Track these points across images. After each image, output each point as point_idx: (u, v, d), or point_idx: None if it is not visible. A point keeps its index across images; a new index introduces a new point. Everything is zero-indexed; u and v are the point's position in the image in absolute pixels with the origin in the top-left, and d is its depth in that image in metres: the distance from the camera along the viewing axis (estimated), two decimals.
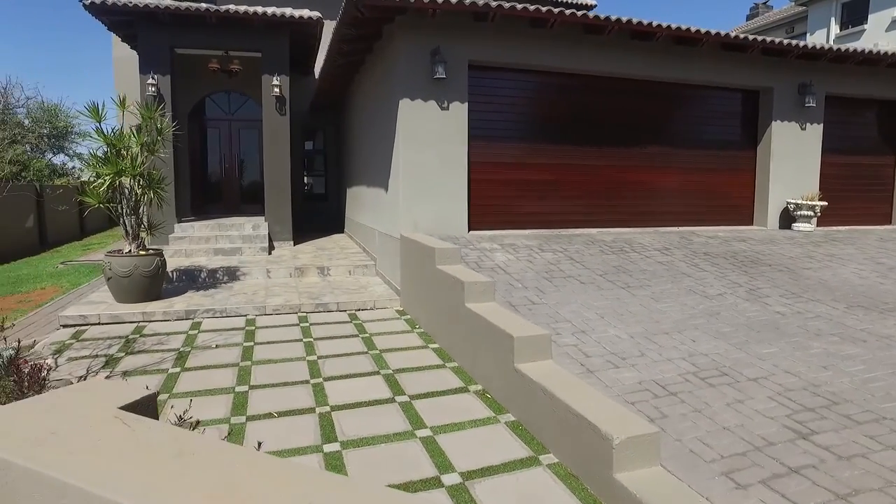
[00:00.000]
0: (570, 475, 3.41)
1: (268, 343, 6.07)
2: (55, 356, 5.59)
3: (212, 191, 13.61)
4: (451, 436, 3.92)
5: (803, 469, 2.93)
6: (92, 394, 1.74)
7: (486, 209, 7.95)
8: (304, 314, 7.23)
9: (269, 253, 10.30)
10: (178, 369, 5.28)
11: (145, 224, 7.43)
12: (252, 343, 6.07)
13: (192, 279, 8.48)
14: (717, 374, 4.12)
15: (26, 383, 3.37)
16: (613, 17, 7.44)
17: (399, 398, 4.59)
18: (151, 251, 7.39)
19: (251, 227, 10.89)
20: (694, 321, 5.24)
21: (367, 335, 6.38)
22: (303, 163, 14.96)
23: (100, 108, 7.04)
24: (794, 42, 8.39)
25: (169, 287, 8.01)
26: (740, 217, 9.44)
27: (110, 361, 5.51)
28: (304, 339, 6.20)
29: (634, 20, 7.54)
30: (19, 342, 4.53)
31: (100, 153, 7.07)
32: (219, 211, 13.05)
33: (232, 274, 8.72)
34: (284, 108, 10.88)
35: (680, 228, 8.89)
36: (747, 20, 24.45)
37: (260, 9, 10.13)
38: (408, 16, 7.18)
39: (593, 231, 8.40)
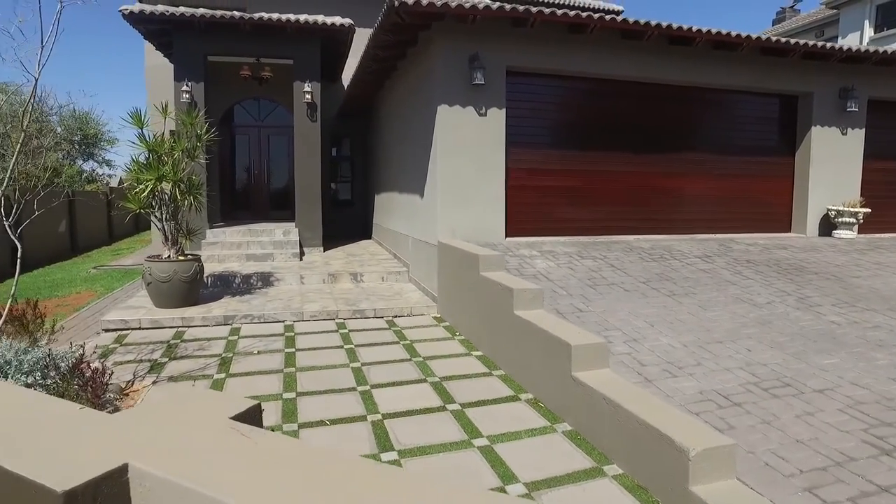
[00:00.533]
0: (637, 487, 3.33)
1: (309, 349, 6.05)
2: (101, 360, 5.62)
3: (240, 197, 13.70)
4: (508, 445, 3.85)
5: (895, 488, 2.83)
6: (199, 404, 1.72)
7: (523, 216, 7.89)
8: (342, 320, 7.21)
9: (301, 259, 10.32)
10: (222, 375, 5.28)
11: (184, 229, 7.47)
12: (293, 349, 6.05)
13: (226, 284, 8.52)
14: (780, 385, 4.02)
15: (90, 388, 3.37)
16: (653, 23, 7.36)
17: (450, 406, 4.54)
18: (190, 256, 7.44)
19: (282, 232, 10.93)
20: (746, 330, 5.13)
21: (408, 342, 6.34)
22: (329, 169, 15.01)
23: (142, 114, 7.12)
24: (836, 45, 8.24)
25: (205, 292, 8.04)
26: (778, 224, 9.28)
27: (155, 366, 5.52)
28: (346, 346, 6.17)
29: (674, 25, 7.46)
30: (83, 346, 4.56)
31: (141, 159, 7.15)
32: (247, 217, 13.11)
33: (266, 279, 8.73)
34: (315, 115, 10.92)
35: (717, 236, 8.75)
36: (773, 24, 24.18)
37: (293, 16, 10.20)
38: (446, 22, 7.16)
39: (630, 238, 8.29)
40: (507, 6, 6.87)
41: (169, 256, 7.35)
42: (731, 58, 8.31)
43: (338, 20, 10.37)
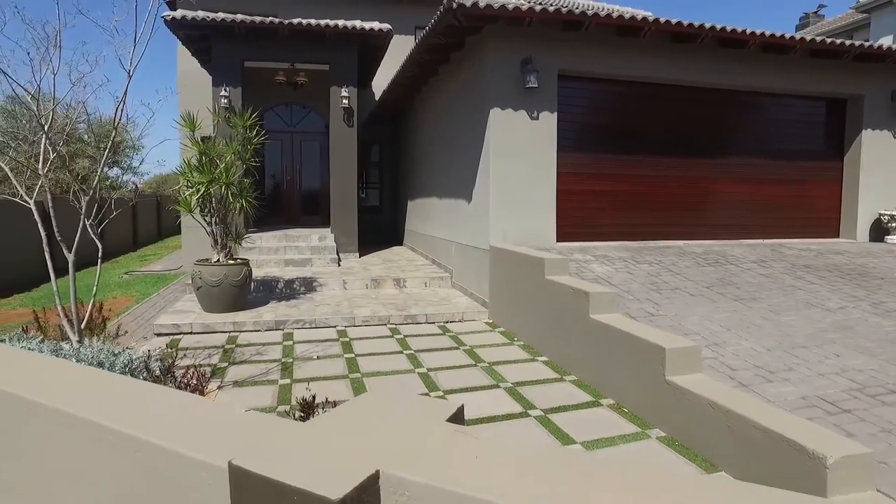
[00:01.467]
0: None
1: (369, 355, 5.95)
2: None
3: (272, 202, 13.66)
4: (606, 452, 3.74)
5: None
6: (404, 407, 1.62)
7: (573, 220, 7.78)
8: (394, 326, 7.11)
9: (339, 264, 10.24)
10: (287, 381, 5.18)
11: (233, 233, 7.41)
12: (352, 354, 5.95)
13: (269, 289, 8.44)
14: (886, 392, 3.89)
15: (188, 392, 3.27)
16: (707, 25, 7.28)
17: (532, 412, 4.42)
18: (239, 260, 7.37)
19: (317, 238, 10.86)
20: (827, 335, 5.00)
21: (468, 347, 6.23)
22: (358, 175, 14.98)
23: (194, 117, 7.09)
24: (892, 46, 8.11)
25: (250, 297, 7.97)
26: (826, 229, 9.14)
27: (217, 371, 5.43)
28: (405, 351, 6.07)
29: (728, 27, 7.38)
30: (176, 351, 4.50)
31: (193, 161, 7.11)
32: (279, 222, 13.07)
33: (309, 285, 8.65)
34: (352, 120, 10.88)
35: (766, 241, 8.63)
36: (797, 30, 24.04)
37: (331, 21, 10.18)
38: (498, 25, 7.10)
39: (679, 243, 8.18)
40: (564, 8, 6.81)
41: (218, 260, 7.28)
42: (780, 60, 8.21)
43: (377, 25, 10.34)
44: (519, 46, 7.27)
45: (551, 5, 9.04)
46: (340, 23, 10.28)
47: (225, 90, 10.35)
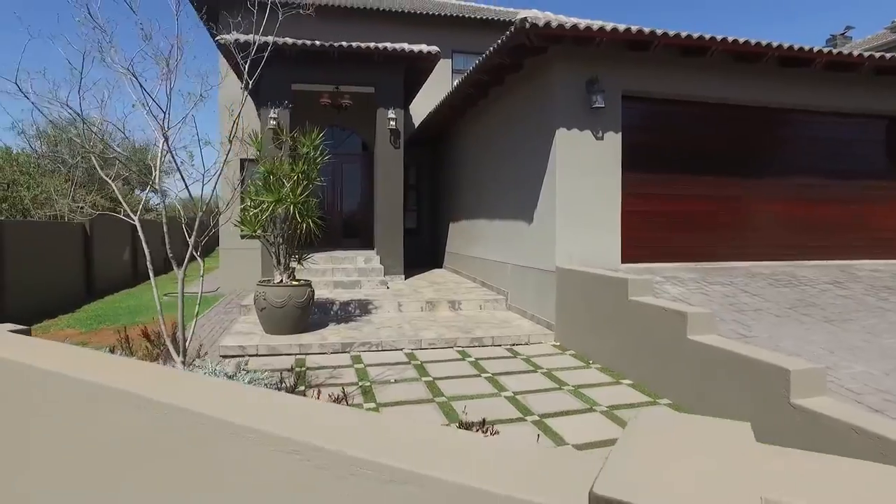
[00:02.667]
0: None
1: (447, 378, 5.80)
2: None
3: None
4: None
5: None
6: (699, 431, 1.49)
7: (637, 241, 7.66)
8: (461, 348, 6.97)
9: (387, 287, 10.13)
10: (372, 404, 5.05)
11: (297, 254, 7.34)
12: (430, 378, 5.81)
13: (325, 312, 8.33)
14: None
15: None
16: (774, 44, 7.24)
17: None
18: (302, 281, 7.28)
19: (363, 260, 10.79)
20: None
21: (545, 370, 6.07)
22: None
23: (259, 138, 7.08)
24: None
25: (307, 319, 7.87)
26: (891, 250, 8.93)
27: (296, 395, 5.30)
28: (483, 375, 5.92)
29: (795, 46, 7.33)
30: (295, 371, 4.39)
31: (258, 181, 7.09)
32: (320, 245, 13.01)
33: (364, 307, 8.55)
34: (399, 142, 10.88)
35: (832, 262, 8.44)
36: None
37: (380, 44, 10.24)
38: (563, 45, 7.09)
39: (744, 264, 8.02)
40: (634, 28, 6.79)
41: (281, 281, 7.20)
42: (841, 79, 8.13)
43: (424, 48, 10.39)
44: (583, 67, 7.25)
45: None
46: (389, 45, 10.34)
47: (273, 112, 10.40)
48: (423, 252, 14.54)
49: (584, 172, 7.30)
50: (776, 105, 8.15)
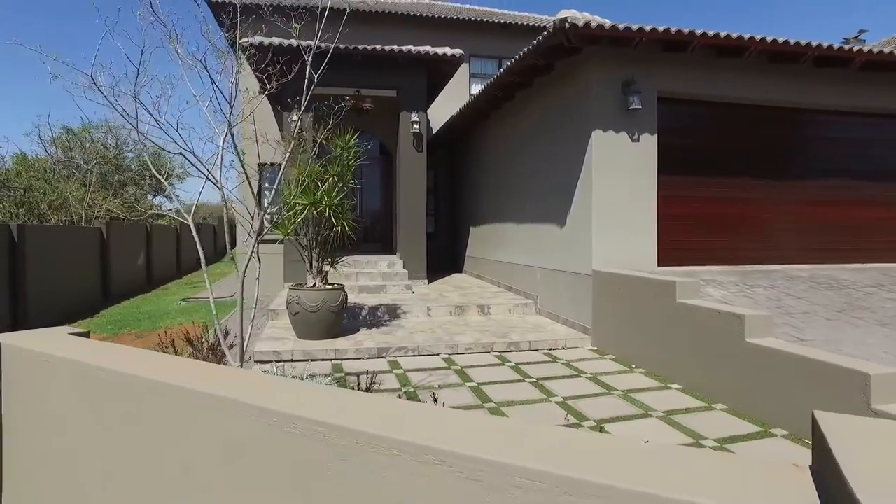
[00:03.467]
0: None
1: (491, 383, 5.68)
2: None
3: None
4: None
5: None
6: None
7: (673, 244, 7.55)
8: (499, 353, 6.85)
9: (412, 291, 10.02)
10: None
11: (329, 257, 7.24)
12: (474, 383, 5.69)
13: (354, 316, 8.22)
14: None
15: None
16: (814, 43, 7.15)
17: (705, 443, 4.14)
18: (336, 285, 7.18)
19: (386, 265, 10.68)
20: None
21: (590, 375, 5.95)
22: None
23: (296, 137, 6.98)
24: None
25: None
26: None
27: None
28: (527, 380, 5.80)
29: (834, 45, 7.24)
30: (375, 374, 4.30)
31: (292, 185, 6.99)
32: (338, 249, 12.92)
33: (393, 312, 8.44)
34: (422, 145, 10.80)
35: (869, 265, 8.32)
36: None
37: (403, 47, 10.18)
38: (600, 46, 7.00)
39: (781, 267, 7.90)
40: (673, 28, 6.71)
41: (314, 285, 7.10)
42: (878, 80, 8.04)
43: (448, 50, 10.33)
44: (618, 68, 7.17)
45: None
46: (413, 48, 10.28)
47: (296, 115, 10.31)
48: (441, 256, 14.44)
49: (620, 175, 7.21)
50: (809, 106, 8.06)
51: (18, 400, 2.38)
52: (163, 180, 4.99)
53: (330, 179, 6.88)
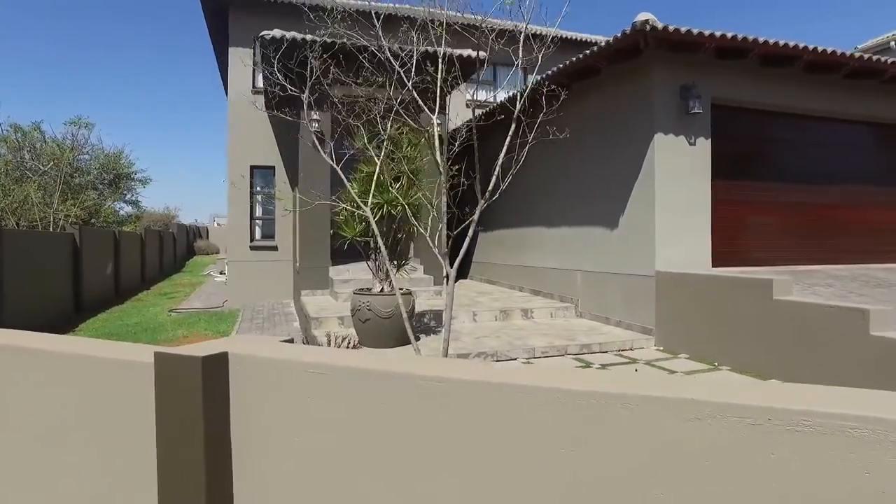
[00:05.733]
0: None
1: None
2: None
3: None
4: None
5: None
6: None
7: (726, 246, 7.75)
8: (574, 356, 6.77)
9: (441, 296, 9.76)
10: None
11: (397, 260, 6.92)
12: None
13: None
14: None
15: None
16: (857, 55, 7.57)
17: None
18: (405, 290, 6.85)
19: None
20: None
21: (679, 374, 5.96)
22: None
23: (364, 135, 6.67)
24: None
25: None
26: None
27: None
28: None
29: (873, 57, 7.70)
30: None
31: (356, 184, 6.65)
32: (338, 256, 12.44)
33: (438, 318, 8.17)
34: (442, 148, 10.57)
35: (890, 265, 8.94)
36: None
37: (429, 48, 9.95)
38: (661, 50, 7.11)
39: (819, 267, 8.32)
40: (740, 35, 6.91)
41: (382, 290, 6.76)
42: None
43: (472, 52, 10.19)
44: (678, 72, 7.31)
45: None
46: (431, 49, 10.07)
47: (315, 114, 9.88)
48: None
49: (679, 178, 7.33)
50: (840, 116, 8.57)
51: (251, 409, 1.99)
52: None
53: (403, 177, 6.58)
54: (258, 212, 13.27)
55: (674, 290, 7.00)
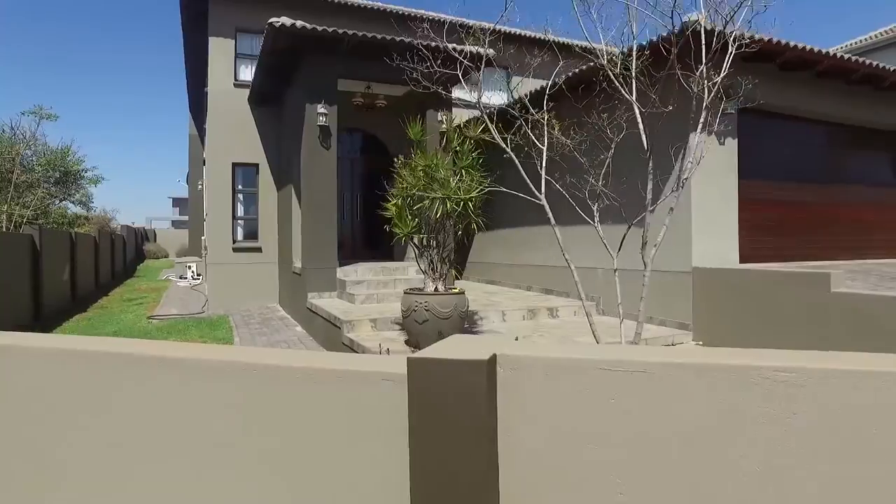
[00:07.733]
0: None
1: None
2: None
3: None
4: None
5: None
6: None
7: (751, 244, 8.03)
8: None
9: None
10: None
11: (448, 258, 6.68)
12: None
13: None
14: None
15: None
16: (890, 68, 8.05)
17: None
18: (458, 289, 6.63)
19: (414, 271, 10.07)
20: None
21: None
22: None
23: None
24: None
25: None
26: None
27: None
28: None
29: (889, 68, 8.21)
30: None
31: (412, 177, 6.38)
32: (343, 256, 11.96)
33: (470, 318, 7.95)
34: (449, 147, 10.38)
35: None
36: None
37: (440, 43, 9.75)
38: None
39: (841, 262, 8.81)
40: (774, 39, 7.16)
41: (436, 289, 6.50)
42: None
43: (480, 49, 10.06)
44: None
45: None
46: (441, 44, 9.88)
47: (321, 107, 9.45)
48: None
49: (712, 176, 7.52)
50: (858, 123, 9.18)
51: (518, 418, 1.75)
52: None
53: (460, 172, 6.37)
54: (240, 211, 12.52)
55: (716, 285, 7.15)
